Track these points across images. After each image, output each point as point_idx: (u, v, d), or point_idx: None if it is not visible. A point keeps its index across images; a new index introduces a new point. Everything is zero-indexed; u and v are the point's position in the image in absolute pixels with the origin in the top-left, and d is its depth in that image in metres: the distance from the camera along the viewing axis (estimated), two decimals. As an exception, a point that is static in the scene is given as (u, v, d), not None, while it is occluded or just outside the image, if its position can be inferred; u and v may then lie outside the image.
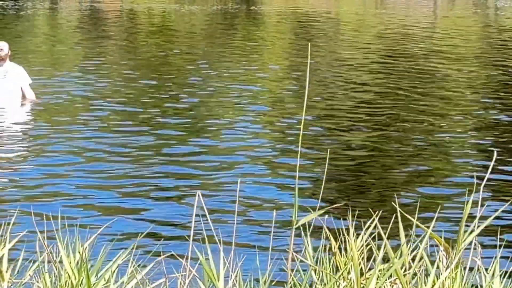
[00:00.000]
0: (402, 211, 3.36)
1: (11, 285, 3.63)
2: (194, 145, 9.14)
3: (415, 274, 3.37)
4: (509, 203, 4.45)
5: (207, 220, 3.34)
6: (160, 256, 3.91)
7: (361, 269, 3.32)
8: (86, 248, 3.61)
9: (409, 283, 3.33)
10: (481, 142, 9.79)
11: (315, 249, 3.62)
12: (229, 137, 9.64)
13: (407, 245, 3.36)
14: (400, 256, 3.31)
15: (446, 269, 3.29)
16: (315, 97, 12.29)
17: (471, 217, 3.38)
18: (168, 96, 12.30)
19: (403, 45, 20.18)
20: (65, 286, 3.49)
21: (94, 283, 3.45)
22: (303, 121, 3.17)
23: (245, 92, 12.79)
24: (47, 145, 8.97)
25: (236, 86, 13.26)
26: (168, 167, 8.21)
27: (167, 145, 9.14)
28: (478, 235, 3.36)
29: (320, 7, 33.17)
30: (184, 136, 9.60)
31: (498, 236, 5.38)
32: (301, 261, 3.49)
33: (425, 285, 3.25)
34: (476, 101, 12.72)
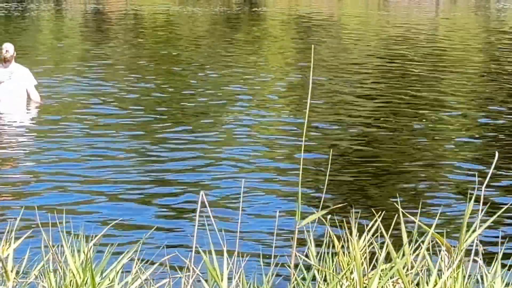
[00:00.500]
0: (404, 211, 3.38)
1: (16, 285, 3.65)
2: (197, 147, 9.17)
3: (417, 273, 3.39)
4: (510, 203, 4.47)
5: (210, 220, 3.36)
6: (164, 256, 3.93)
7: (363, 268, 3.34)
8: (90, 248, 3.63)
9: (411, 283, 3.34)
10: (483, 143, 9.82)
11: (318, 249, 3.64)
12: (231, 138, 9.67)
13: (409, 245, 3.38)
14: (402, 256, 3.33)
15: (448, 269, 3.31)
16: (317, 99, 12.31)
17: (473, 217, 3.40)
18: (170, 97, 12.33)
19: (404, 47, 20.19)
20: (70, 285, 3.51)
21: (99, 283, 3.47)
22: (306, 123, 3.20)
23: (247, 93, 12.82)
24: (52, 146, 9.00)
25: (238, 88, 13.29)
26: (171, 168, 8.24)
27: (170, 147, 9.17)
28: (480, 235, 3.38)
29: (322, 9, 33.18)
30: (187, 138, 9.63)
31: (500, 236, 5.41)
32: (304, 260, 3.51)
33: (427, 285, 3.27)
34: (478, 102, 12.73)
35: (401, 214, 3.37)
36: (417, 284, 3.35)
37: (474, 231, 3.33)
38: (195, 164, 8.42)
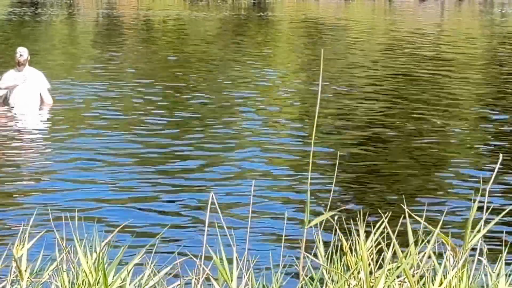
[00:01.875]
0: (410, 212, 3.43)
1: (30, 284, 3.71)
2: (206, 148, 9.24)
3: (423, 273, 3.43)
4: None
5: (220, 221, 3.42)
6: (175, 257, 3.99)
7: (370, 268, 3.38)
8: (103, 248, 3.68)
9: (417, 282, 3.39)
10: (487, 144, 9.87)
11: (326, 249, 3.69)
12: (241, 139, 9.74)
13: (415, 245, 3.43)
14: (408, 256, 3.38)
15: (453, 268, 3.36)
16: (325, 101, 12.38)
17: (478, 218, 3.44)
18: (180, 101, 12.41)
19: (410, 51, 20.22)
20: (83, 285, 3.56)
21: (111, 283, 3.51)
22: (315, 125, 3.26)
23: (256, 96, 12.89)
24: (64, 148, 9.09)
25: (248, 91, 13.37)
26: (182, 168, 8.31)
27: (181, 150, 9.23)
28: (484, 235, 3.42)
29: (330, 14, 33.23)
30: (197, 142, 9.69)
31: (504, 236, 5.46)
32: (312, 260, 3.56)
33: (433, 284, 3.32)
34: (482, 106, 12.77)
35: (407, 215, 3.42)
36: (423, 284, 3.40)
37: (478, 231, 3.38)
38: (205, 166, 8.48)
